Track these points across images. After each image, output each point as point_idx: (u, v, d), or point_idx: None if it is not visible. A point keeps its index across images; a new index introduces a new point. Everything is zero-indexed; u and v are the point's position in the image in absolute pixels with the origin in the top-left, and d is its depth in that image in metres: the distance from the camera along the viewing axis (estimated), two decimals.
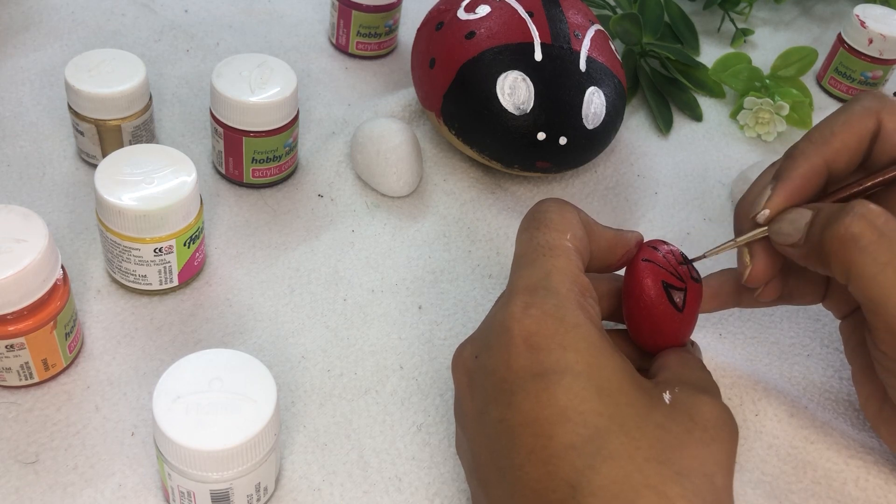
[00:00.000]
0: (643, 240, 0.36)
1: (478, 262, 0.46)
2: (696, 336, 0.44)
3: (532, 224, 0.33)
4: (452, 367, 0.33)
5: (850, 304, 0.38)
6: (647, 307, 0.35)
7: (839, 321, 0.39)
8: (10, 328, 0.34)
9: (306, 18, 0.61)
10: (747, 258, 0.36)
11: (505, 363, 0.29)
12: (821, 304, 0.39)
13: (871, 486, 0.38)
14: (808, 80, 0.64)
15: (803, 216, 0.33)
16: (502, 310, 0.31)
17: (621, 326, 0.37)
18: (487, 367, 0.30)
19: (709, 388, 0.32)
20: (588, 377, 0.28)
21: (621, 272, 0.37)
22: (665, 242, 0.36)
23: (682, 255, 0.36)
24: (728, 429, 0.30)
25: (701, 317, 0.45)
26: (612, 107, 0.48)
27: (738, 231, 0.37)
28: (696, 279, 0.36)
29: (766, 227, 0.35)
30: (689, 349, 0.36)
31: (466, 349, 0.32)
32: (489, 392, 0.30)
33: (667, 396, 0.30)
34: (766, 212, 0.34)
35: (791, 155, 0.35)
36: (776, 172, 0.35)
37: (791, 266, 0.37)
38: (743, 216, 0.37)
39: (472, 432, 0.31)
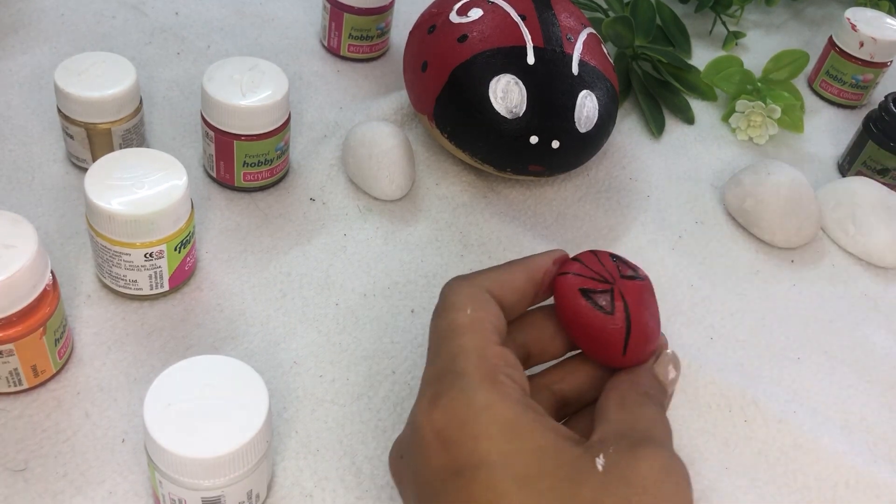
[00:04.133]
0: (565, 255, 0.34)
1: (470, 266, 0.46)
2: (688, 338, 0.44)
3: (435, 314, 0.32)
4: (389, 469, 0.32)
5: None
6: (574, 323, 0.32)
7: None
8: None
9: (298, 21, 0.61)
10: None
11: (424, 463, 0.28)
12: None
13: (861, 488, 0.38)
14: (800, 84, 0.64)
15: None
16: (415, 407, 0.29)
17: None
18: (411, 468, 0.29)
19: (650, 431, 0.29)
20: (504, 467, 0.27)
21: None
22: (593, 251, 0.33)
23: (612, 255, 0.33)
24: (672, 479, 0.27)
25: (693, 318, 0.45)
26: (605, 110, 0.48)
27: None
28: (633, 276, 0.32)
29: None
30: (638, 374, 0.32)
31: (394, 449, 0.31)
32: (417, 496, 0.29)
33: (599, 463, 0.27)
34: None
35: None
36: None
37: None
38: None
39: None
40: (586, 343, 0.33)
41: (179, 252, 0.39)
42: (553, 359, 0.35)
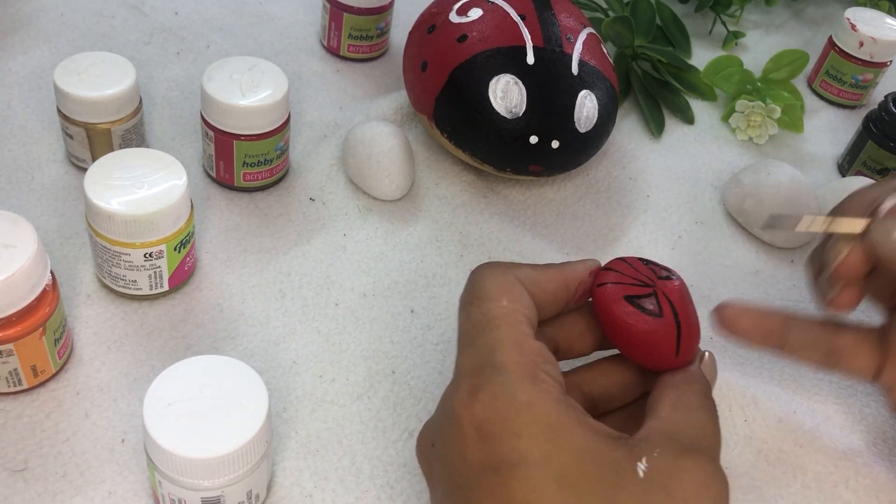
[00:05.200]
0: (599, 266, 0.33)
1: (470, 266, 0.46)
2: None
3: (467, 299, 0.31)
4: (416, 454, 0.31)
5: None
6: (624, 331, 0.31)
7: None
8: None
9: (297, 21, 0.61)
10: (845, 247, 0.32)
11: (459, 455, 0.28)
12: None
13: (861, 487, 0.38)
14: (800, 83, 0.64)
15: None
16: (452, 395, 0.29)
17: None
18: (443, 458, 0.29)
19: (698, 438, 0.29)
20: (545, 466, 0.26)
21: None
22: (622, 259, 0.33)
23: (646, 261, 0.33)
24: (712, 493, 0.27)
25: None
26: (605, 110, 0.48)
27: (841, 214, 0.33)
28: (668, 276, 0.32)
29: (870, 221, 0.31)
30: (692, 371, 0.32)
31: (424, 435, 0.31)
32: (447, 486, 0.28)
33: (641, 468, 0.27)
34: (894, 202, 0.31)
35: None
36: None
37: (847, 328, 0.34)
38: (858, 202, 0.32)
39: None
40: (637, 349, 0.32)
41: (179, 252, 0.39)
42: (580, 355, 0.35)
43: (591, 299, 0.33)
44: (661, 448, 0.28)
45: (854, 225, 0.32)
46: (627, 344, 0.32)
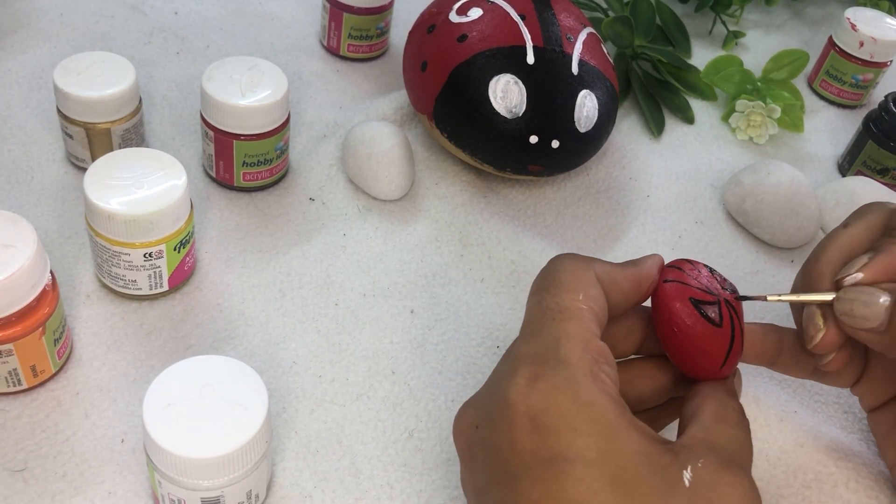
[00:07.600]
0: (663, 262, 0.33)
1: (470, 265, 0.46)
2: None
3: (542, 286, 0.31)
4: (453, 433, 0.31)
5: (886, 394, 0.36)
6: (680, 331, 0.31)
7: (867, 413, 0.37)
8: None
9: (297, 20, 0.61)
10: (820, 321, 0.32)
11: (509, 442, 0.27)
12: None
13: (861, 487, 0.38)
14: (800, 83, 0.64)
15: (880, 299, 0.30)
16: (507, 379, 0.28)
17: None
18: (489, 443, 0.28)
19: (738, 454, 0.29)
20: (601, 465, 0.26)
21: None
22: (688, 260, 0.33)
23: (711, 269, 0.33)
24: None
25: None
26: (605, 110, 0.48)
27: (806, 286, 0.34)
28: (731, 290, 0.33)
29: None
30: (731, 385, 0.33)
31: (467, 415, 0.30)
32: (491, 471, 0.28)
33: (687, 476, 0.27)
34: (860, 276, 0.31)
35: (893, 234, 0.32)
36: (876, 245, 0.32)
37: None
38: (817, 273, 0.33)
39: None
40: (686, 353, 0.32)
41: (179, 252, 0.39)
42: (620, 357, 0.34)
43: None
44: (705, 459, 0.28)
45: (822, 297, 0.33)
46: (678, 345, 0.32)
